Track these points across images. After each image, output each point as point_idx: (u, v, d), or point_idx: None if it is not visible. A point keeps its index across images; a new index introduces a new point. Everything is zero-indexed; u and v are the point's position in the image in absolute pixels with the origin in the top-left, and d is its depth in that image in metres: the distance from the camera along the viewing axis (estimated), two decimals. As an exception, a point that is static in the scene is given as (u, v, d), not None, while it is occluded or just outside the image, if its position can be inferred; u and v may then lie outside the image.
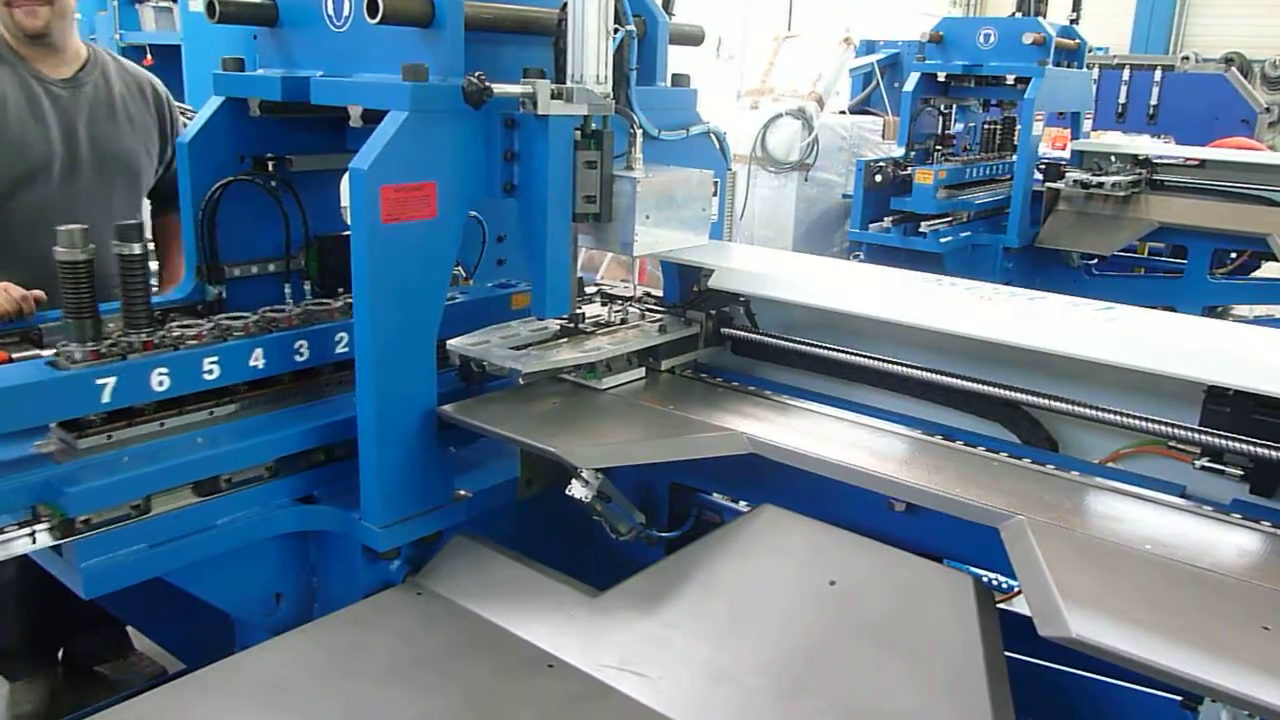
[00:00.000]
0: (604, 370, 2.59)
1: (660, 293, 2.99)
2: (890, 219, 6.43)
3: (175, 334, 2.19)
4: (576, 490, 2.26)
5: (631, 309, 2.90)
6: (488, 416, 2.33)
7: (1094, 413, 2.20)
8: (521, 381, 2.43)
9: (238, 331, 2.30)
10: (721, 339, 2.82)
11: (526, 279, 2.65)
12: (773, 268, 2.76)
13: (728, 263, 2.75)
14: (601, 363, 2.57)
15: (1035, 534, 1.83)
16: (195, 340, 2.21)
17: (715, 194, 2.78)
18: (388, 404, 2.21)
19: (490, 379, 2.61)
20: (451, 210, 2.24)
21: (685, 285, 2.92)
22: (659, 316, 2.84)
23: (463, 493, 2.44)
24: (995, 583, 2.47)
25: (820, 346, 2.60)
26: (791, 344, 2.65)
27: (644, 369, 2.69)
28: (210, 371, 2.22)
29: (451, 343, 2.51)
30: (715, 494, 2.84)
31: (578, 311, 2.68)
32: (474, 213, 2.95)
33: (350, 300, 2.38)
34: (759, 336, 2.76)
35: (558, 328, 2.67)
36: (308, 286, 2.73)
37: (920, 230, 6.26)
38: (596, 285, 3.22)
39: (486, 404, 2.44)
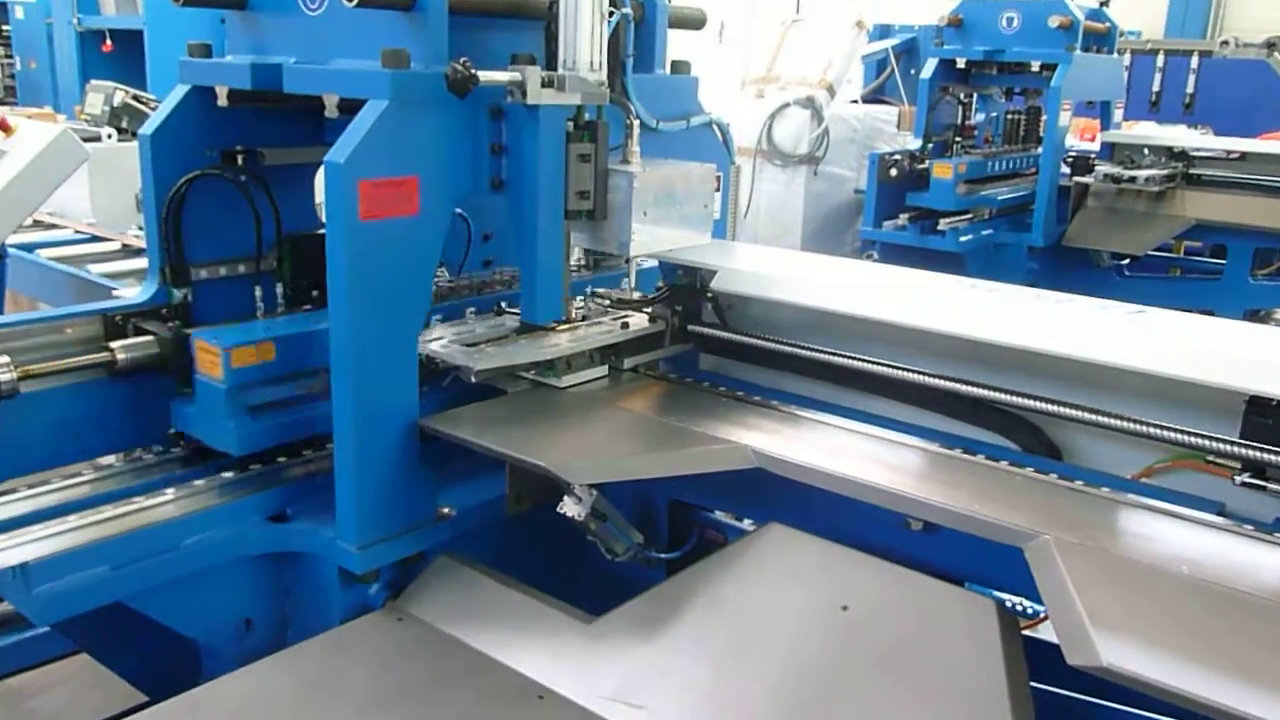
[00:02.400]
0: (564, 368, 2.62)
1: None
2: (906, 216, 6.44)
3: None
4: (569, 508, 2.27)
5: (594, 304, 2.95)
6: (473, 428, 2.33)
7: (1126, 424, 2.20)
8: (474, 379, 2.45)
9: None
10: (688, 336, 2.86)
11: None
12: (779, 268, 2.77)
13: (731, 263, 2.75)
14: (561, 360, 2.60)
15: (1062, 554, 1.83)
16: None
17: (718, 189, 2.79)
18: (367, 415, 2.22)
19: (457, 383, 2.62)
20: (434, 207, 2.25)
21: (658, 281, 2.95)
22: (622, 313, 2.88)
23: (447, 510, 2.44)
24: (1020, 607, 2.47)
25: (808, 349, 2.62)
26: (769, 343, 2.68)
27: (606, 367, 2.73)
28: None
29: None
30: (718, 511, 2.84)
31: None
32: (459, 210, 2.96)
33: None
34: (727, 334, 2.78)
35: (516, 324, 2.72)
36: (280, 289, 2.73)
37: (938, 228, 6.26)
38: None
39: (471, 415, 2.45)
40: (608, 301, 2.96)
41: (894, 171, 6.38)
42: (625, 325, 2.78)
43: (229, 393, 2.35)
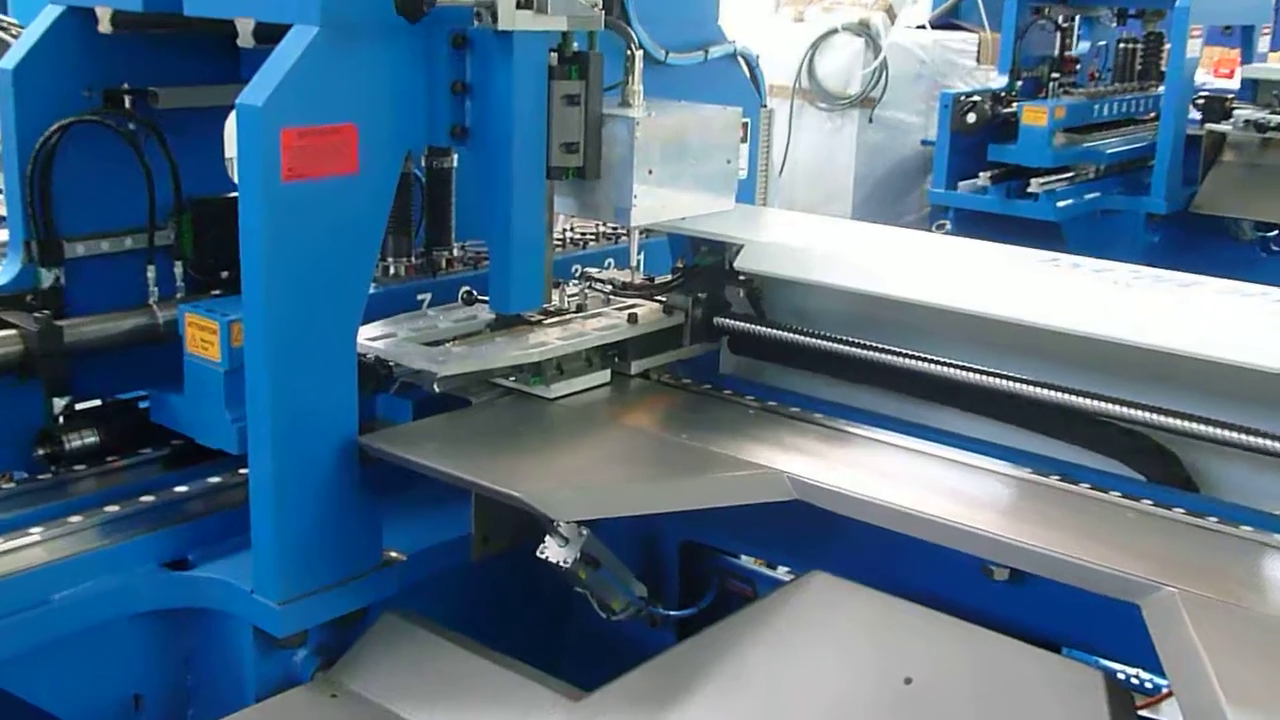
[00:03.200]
0: (554, 373, 2.61)
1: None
2: (988, 175, 6.44)
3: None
4: (552, 551, 2.26)
5: (593, 291, 2.95)
6: (429, 449, 2.33)
7: (1274, 444, 2.20)
8: (437, 389, 2.45)
9: None
10: (713, 332, 2.85)
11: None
12: (824, 242, 2.77)
13: (761, 235, 2.75)
14: (550, 363, 2.60)
15: (1191, 613, 1.82)
16: None
17: (744, 140, 2.78)
18: (290, 432, 2.21)
19: (411, 390, 2.63)
20: (378, 163, 2.25)
21: (676, 260, 2.94)
22: (629, 302, 2.88)
23: (394, 555, 2.44)
24: (1135, 680, 2.47)
25: (860, 346, 2.61)
26: (810, 339, 2.68)
27: (608, 372, 2.73)
28: None
29: None
30: (745, 556, 2.84)
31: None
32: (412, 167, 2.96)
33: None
34: (765, 330, 2.78)
35: (491, 317, 2.71)
36: (179, 269, 2.73)
37: (1029, 190, 6.26)
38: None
39: (428, 431, 2.44)
40: (609, 287, 2.96)
41: (972, 117, 6.37)
42: (633, 318, 2.77)
43: (229, 377, 2.36)
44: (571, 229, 3.47)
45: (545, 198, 2.40)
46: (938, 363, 2.55)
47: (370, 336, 2.56)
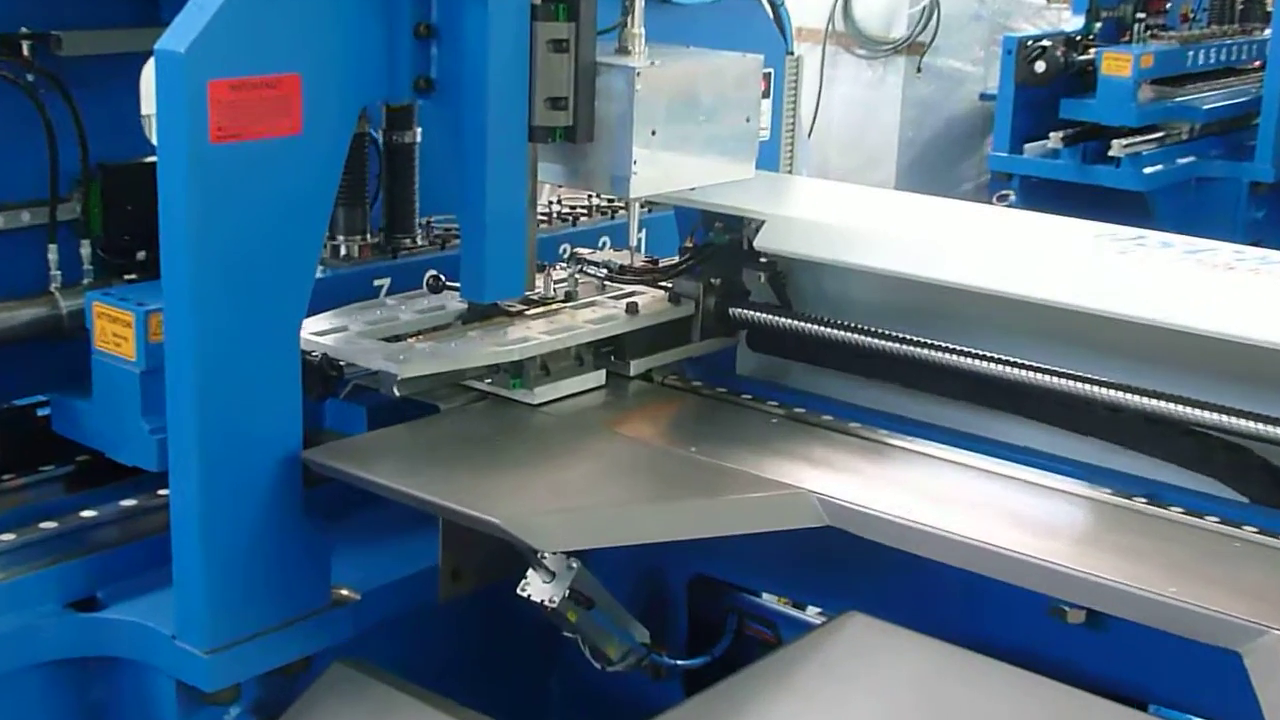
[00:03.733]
0: (538, 374, 2.62)
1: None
2: (1060, 135, 6.44)
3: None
4: (536, 589, 2.27)
5: (585, 276, 2.95)
6: (388, 465, 2.34)
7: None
8: (397, 393, 2.45)
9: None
10: (729, 324, 2.86)
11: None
12: (861, 217, 2.76)
13: (787, 208, 2.75)
14: (534, 362, 2.60)
15: (1302, 662, 1.83)
16: None
17: (766, 94, 2.78)
18: (221, 445, 2.21)
19: (367, 395, 2.63)
20: (327, 122, 2.25)
21: (684, 238, 2.95)
22: (628, 289, 2.88)
23: (346, 592, 2.44)
24: (1236, 743, 2.47)
25: (905, 342, 2.61)
26: (851, 336, 2.68)
27: (603, 372, 2.74)
28: None
29: None
30: (766, 594, 2.85)
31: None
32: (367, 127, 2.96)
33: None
34: (790, 321, 2.78)
35: (463, 307, 2.72)
36: (86, 249, 2.73)
37: (1110, 154, 6.26)
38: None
39: (386, 445, 2.45)
40: (604, 270, 2.97)
41: (1041, 66, 6.37)
42: (632, 308, 2.78)
43: (146, 379, 2.35)
44: (559, 201, 3.48)
45: (527, 164, 2.40)
46: (998, 362, 2.54)
47: (317, 330, 2.56)
